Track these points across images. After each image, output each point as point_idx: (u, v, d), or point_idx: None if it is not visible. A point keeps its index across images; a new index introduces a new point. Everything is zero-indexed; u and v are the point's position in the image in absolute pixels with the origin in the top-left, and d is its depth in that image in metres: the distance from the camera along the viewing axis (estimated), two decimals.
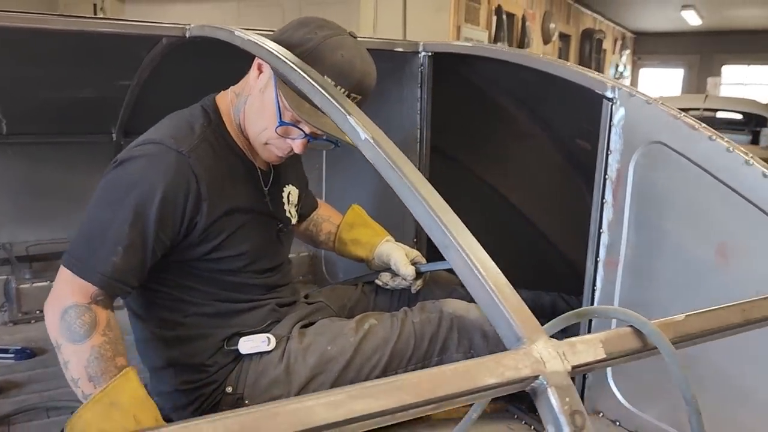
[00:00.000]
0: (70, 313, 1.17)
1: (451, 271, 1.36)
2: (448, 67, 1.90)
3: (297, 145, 1.31)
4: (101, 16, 6.53)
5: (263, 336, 1.40)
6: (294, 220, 1.59)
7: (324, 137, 1.28)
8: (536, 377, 0.58)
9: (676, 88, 11.63)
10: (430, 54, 1.85)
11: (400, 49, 1.88)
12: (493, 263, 0.67)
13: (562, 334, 0.66)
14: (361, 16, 5.37)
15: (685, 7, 8.37)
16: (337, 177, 2.40)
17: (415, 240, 2.02)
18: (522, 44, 6.44)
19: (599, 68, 9.02)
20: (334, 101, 0.90)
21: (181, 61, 1.69)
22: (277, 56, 1.06)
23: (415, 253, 1.64)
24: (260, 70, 1.31)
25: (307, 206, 1.77)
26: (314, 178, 2.40)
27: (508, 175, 2.22)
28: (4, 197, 2.33)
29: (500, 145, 2.12)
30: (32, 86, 1.95)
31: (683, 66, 11.70)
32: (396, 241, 1.70)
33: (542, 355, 0.60)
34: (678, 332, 0.68)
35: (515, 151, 2.13)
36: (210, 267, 1.35)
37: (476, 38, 5.64)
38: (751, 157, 1.08)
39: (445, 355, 1.45)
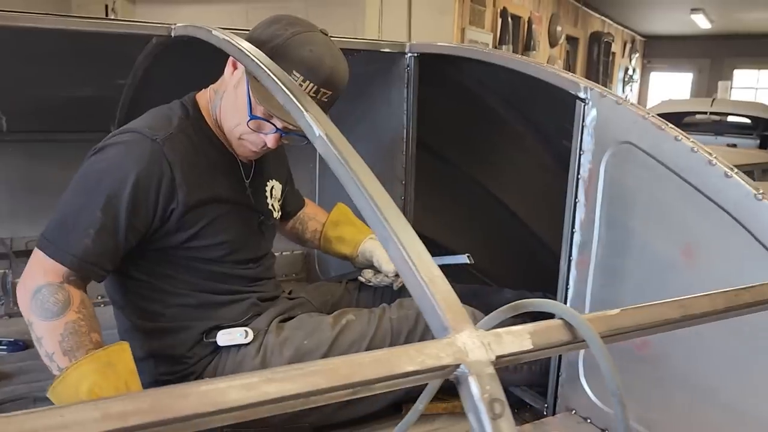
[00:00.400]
0: (42, 291, 1.20)
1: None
2: (435, 67, 1.91)
3: (270, 139, 1.34)
4: (111, 16, 6.61)
5: (241, 329, 1.43)
6: (276, 214, 1.61)
7: (296, 132, 1.31)
8: (458, 366, 0.60)
9: (686, 91, 11.56)
10: (416, 55, 1.87)
11: (387, 50, 1.90)
12: (429, 257, 0.68)
13: None
14: (366, 19, 5.39)
15: (694, 10, 8.32)
16: (329, 176, 2.42)
17: None
18: (528, 47, 6.44)
19: (607, 71, 8.98)
20: (292, 97, 0.92)
21: (174, 60, 1.72)
22: (245, 53, 1.08)
23: None
24: (234, 67, 1.34)
25: (293, 204, 1.80)
26: (307, 177, 2.43)
27: (498, 173, 2.23)
28: (4, 193, 2.38)
29: (488, 143, 2.13)
30: (31, 84, 1.99)
31: (693, 70, 11.62)
32: None
33: (466, 345, 0.61)
34: (610, 326, 0.69)
35: (503, 150, 2.14)
36: (189, 255, 1.38)
37: (481, 41, 5.64)
38: (714, 157, 1.08)
39: None
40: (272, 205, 1.58)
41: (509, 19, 5.91)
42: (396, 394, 1.46)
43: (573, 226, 1.36)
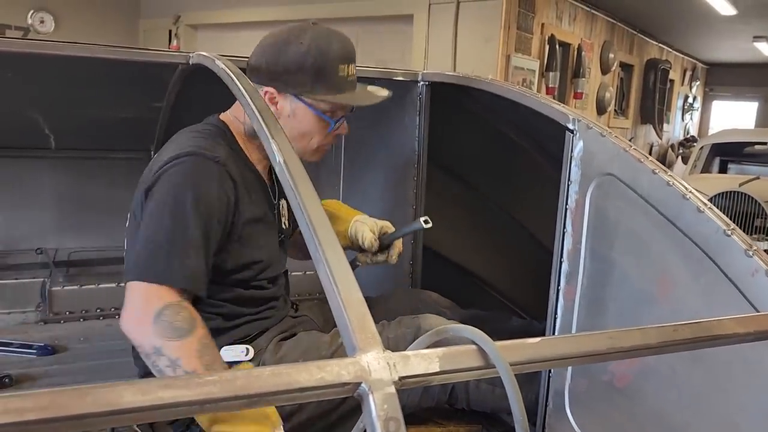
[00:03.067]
0: (165, 313, 1.17)
1: (415, 233, 1.42)
2: (447, 94, 1.95)
3: (344, 128, 1.52)
4: (174, 42, 6.95)
5: (243, 346, 1.48)
6: (290, 232, 1.67)
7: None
8: (359, 384, 0.63)
9: (750, 121, 11.13)
10: (427, 83, 1.92)
11: (401, 78, 1.96)
12: (353, 279, 0.72)
13: None
14: (414, 48, 5.49)
15: (756, 38, 8.04)
16: (353, 195, 2.49)
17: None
18: (577, 74, 6.37)
19: (664, 99, 8.75)
20: (264, 126, 0.98)
21: (204, 84, 1.84)
22: (234, 82, 1.16)
23: (382, 224, 1.69)
24: (273, 102, 1.43)
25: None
26: (332, 196, 2.51)
27: (517, 195, 2.24)
28: (52, 206, 2.55)
29: (503, 165, 2.15)
30: (77, 106, 2.15)
31: (758, 98, 11.19)
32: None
33: (370, 364, 0.64)
34: (524, 355, 0.70)
35: (518, 172, 2.15)
36: (224, 276, 1.41)
37: (527, 67, 5.63)
38: (690, 191, 1.08)
39: None
40: (285, 223, 1.64)
41: (557, 46, 5.87)
42: None
43: (561, 256, 1.36)
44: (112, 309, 2.39)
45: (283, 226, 1.62)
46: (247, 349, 1.47)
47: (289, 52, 1.41)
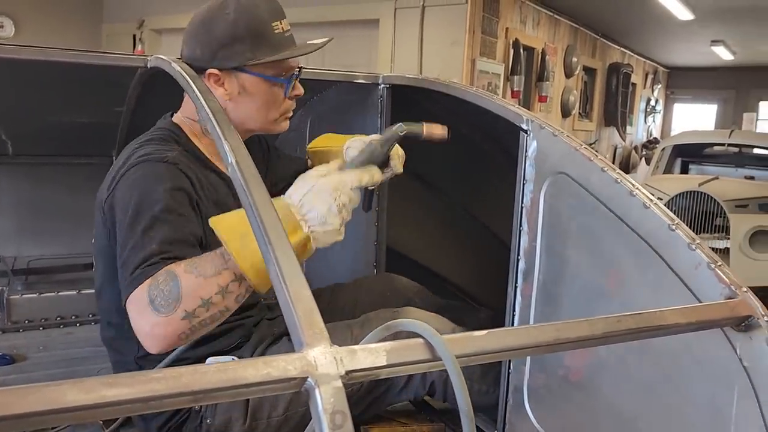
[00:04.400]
0: (154, 298, 1.03)
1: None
2: (408, 97, 1.97)
3: (297, 89, 1.45)
4: (138, 46, 6.87)
5: (229, 357, 1.45)
6: None
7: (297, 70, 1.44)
8: (306, 379, 0.64)
9: (711, 123, 11.42)
10: (388, 86, 1.93)
11: (362, 81, 1.98)
12: (301, 276, 0.73)
13: None
14: (380, 52, 5.52)
15: (714, 42, 8.27)
16: None
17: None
18: (541, 77, 6.47)
19: (627, 102, 8.93)
20: (218, 128, 0.99)
21: (165, 87, 1.82)
22: (190, 86, 1.15)
23: (371, 139, 1.54)
24: (219, 84, 1.38)
25: (296, 169, 1.72)
26: None
27: (477, 194, 2.27)
28: (10, 214, 2.51)
29: (466, 166, 2.17)
30: (35, 111, 2.12)
31: (718, 101, 11.50)
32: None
33: (317, 359, 0.65)
34: (471, 347, 0.72)
35: (479, 171, 2.18)
36: None
37: (492, 71, 5.70)
38: (636, 188, 1.11)
39: None
40: None
41: (521, 50, 5.95)
42: None
43: (518, 254, 1.39)
44: (73, 317, 2.36)
45: None
46: (234, 359, 1.44)
47: (219, 26, 1.35)
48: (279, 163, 1.76)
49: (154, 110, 1.76)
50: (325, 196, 1.05)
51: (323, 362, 0.65)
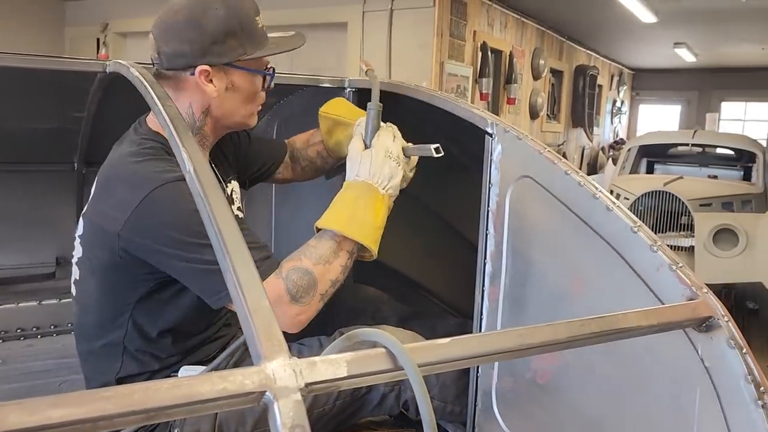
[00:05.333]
0: (290, 279, 1.23)
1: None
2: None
3: (268, 81, 1.46)
4: (102, 50, 6.75)
5: (200, 368, 1.42)
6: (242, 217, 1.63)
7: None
8: (264, 393, 0.62)
9: (675, 123, 11.66)
10: (354, 89, 1.92)
11: (328, 85, 1.97)
12: (260, 287, 0.71)
13: None
14: (349, 55, 5.51)
15: (677, 44, 8.45)
16: (285, 207, 2.46)
17: None
18: (509, 80, 6.52)
19: (593, 103, 9.08)
20: (175, 134, 0.96)
21: (129, 92, 1.78)
22: (147, 90, 1.13)
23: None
24: (208, 81, 1.36)
25: (276, 153, 1.79)
26: (264, 208, 2.47)
27: (446, 199, 2.27)
28: None
29: (433, 168, 2.16)
30: None
31: (682, 102, 11.76)
32: None
33: (275, 372, 0.64)
34: (433, 356, 0.71)
35: (448, 177, 2.18)
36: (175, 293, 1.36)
37: (461, 74, 5.73)
38: (599, 190, 1.12)
39: (374, 386, 1.48)
40: (235, 209, 1.57)
41: (489, 53, 6.00)
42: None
43: (485, 258, 1.38)
44: (33, 329, 2.29)
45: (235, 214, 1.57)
46: (204, 370, 1.42)
47: (210, 21, 1.32)
48: (250, 147, 1.75)
49: (116, 115, 1.72)
50: (382, 161, 1.40)
51: (282, 375, 0.63)
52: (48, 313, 2.33)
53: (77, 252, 1.42)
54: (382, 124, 1.49)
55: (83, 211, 1.43)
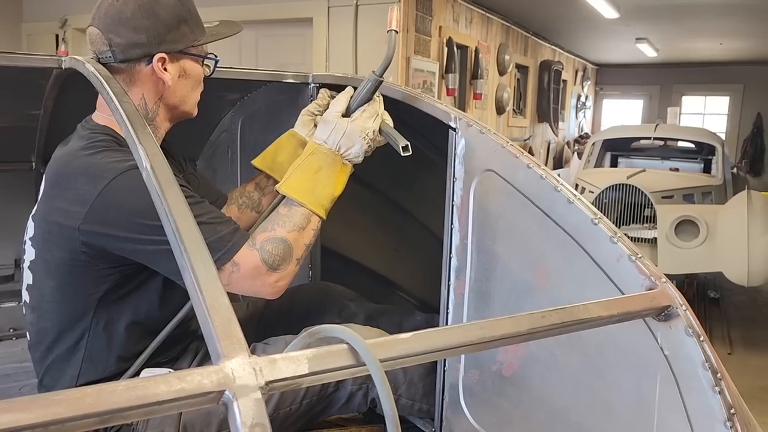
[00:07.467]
0: (272, 263, 1.26)
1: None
2: None
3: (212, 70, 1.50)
4: (61, 47, 6.57)
5: (165, 369, 1.40)
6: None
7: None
8: (223, 392, 0.61)
9: (638, 117, 11.88)
10: (318, 85, 1.91)
11: (291, 81, 1.95)
12: (219, 285, 0.70)
13: None
14: (315, 51, 5.47)
15: (639, 39, 8.59)
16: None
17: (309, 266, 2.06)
18: (475, 75, 6.56)
19: (558, 98, 9.18)
20: (132, 131, 0.94)
21: (86, 88, 1.73)
22: (103, 86, 1.10)
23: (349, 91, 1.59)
24: (166, 69, 1.36)
25: (216, 197, 1.72)
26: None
27: (413, 193, 2.27)
28: None
29: (399, 166, 2.16)
30: None
31: (644, 96, 11.98)
32: None
33: (234, 371, 0.63)
34: (396, 351, 0.71)
35: (414, 172, 2.18)
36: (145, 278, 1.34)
37: (427, 69, 5.74)
38: (561, 183, 1.13)
39: (341, 384, 1.47)
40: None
41: (455, 48, 6.02)
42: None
43: (450, 252, 1.39)
44: None
45: None
46: (169, 372, 1.38)
47: (163, 9, 1.33)
48: (194, 175, 1.71)
49: (74, 112, 1.68)
50: (354, 138, 1.43)
51: (241, 374, 0.62)
52: (7, 316, 2.27)
53: (29, 255, 1.38)
54: (375, 98, 1.50)
55: (32, 213, 1.39)
